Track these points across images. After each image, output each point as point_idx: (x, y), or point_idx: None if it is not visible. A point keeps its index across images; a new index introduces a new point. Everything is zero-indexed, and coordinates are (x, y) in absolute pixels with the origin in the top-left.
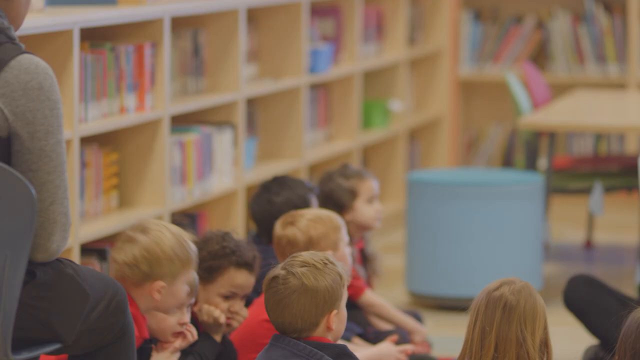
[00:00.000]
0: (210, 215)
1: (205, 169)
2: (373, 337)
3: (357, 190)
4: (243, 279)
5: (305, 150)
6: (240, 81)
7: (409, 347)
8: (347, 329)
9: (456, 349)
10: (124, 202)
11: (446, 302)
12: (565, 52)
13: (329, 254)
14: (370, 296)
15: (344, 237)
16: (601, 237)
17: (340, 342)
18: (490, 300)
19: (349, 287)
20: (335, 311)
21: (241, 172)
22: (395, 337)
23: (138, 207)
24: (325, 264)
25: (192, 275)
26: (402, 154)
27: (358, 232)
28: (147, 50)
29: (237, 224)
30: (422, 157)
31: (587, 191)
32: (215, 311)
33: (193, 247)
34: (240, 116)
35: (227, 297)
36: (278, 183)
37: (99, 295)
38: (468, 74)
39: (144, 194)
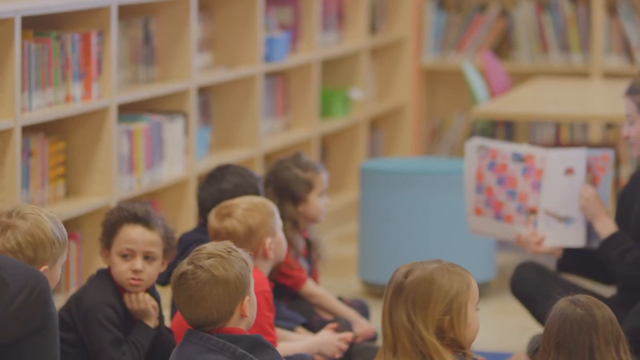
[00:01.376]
0: (162, 203)
1: (155, 157)
2: (318, 326)
3: (313, 183)
4: (136, 233)
5: (260, 139)
6: (192, 70)
7: (348, 335)
8: (290, 319)
9: None
10: (71, 191)
11: None
12: (529, 41)
13: (230, 243)
14: (311, 287)
15: (279, 222)
16: None
17: (282, 331)
18: (391, 284)
19: (290, 278)
20: (247, 297)
21: (193, 161)
22: (334, 325)
23: (85, 196)
24: (230, 252)
25: (64, 257)
26: (363, 142)
27: (305, 224)
28: (94, 39)
29: (189, 212)
30: (384, 146)
31: None
32: (139, 296)
33: (64, 229)
34: (191, 105)
35: (125, 256)
36: (227, 171)
37: (20, 285)
38: (431, 62)
39: (91, 183)
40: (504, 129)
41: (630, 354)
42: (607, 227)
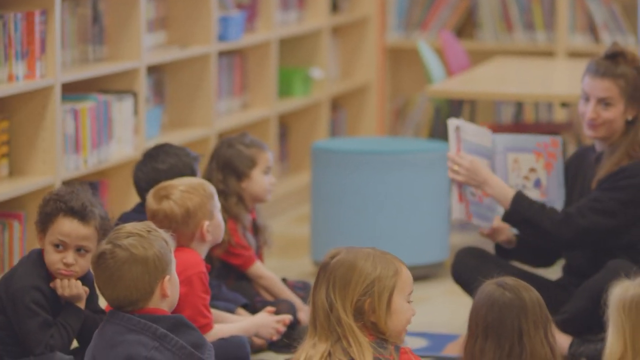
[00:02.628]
0: (112, 183)
1: (103, 137)
2: (260, 307)
3: (256, 160)
4: (70, 227)
5: (215, 119)
6: (141, 49)
7: (286, 317)
8: (231, 300)
9: None
10: (15, 170)
11: None
12: (493, 20)
13: (150, 223)
14: (259, 268)
15: (218, 204)
16: None
17: (219, 312)
18: (321, 266)
19: (239, 257)
20: (167, 277)
21: (143, 141)
22: (272, 309)
23: (29, 176)
24: (149, 231)
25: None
26: (325, 122)
27: (251, 202)
28: (37, 18)
29: None
30: (348, 125)
31: None
32: (70, 281)
33: None
34: (141, 84)
35: (57, 247)
36: (163, 151)
37: None
38: (395, 41)
39: (35, 163)
40: (469, 107)
41: (576, 335)
42: (502, 190)
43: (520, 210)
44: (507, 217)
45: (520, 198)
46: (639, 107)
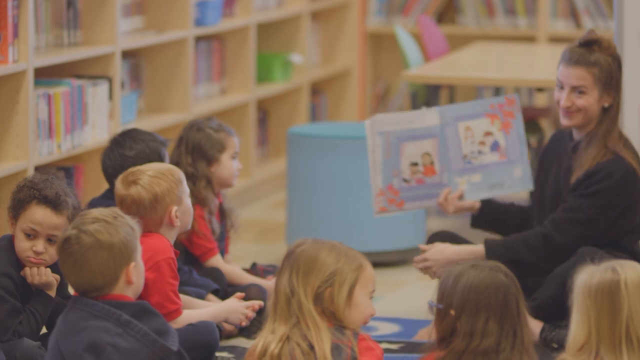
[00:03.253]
0: (87, 168)
1: (77, 122)
2: (232, 293)
3: (225, 144)
4: (42, 215)
5: (192, 104)
6: (116, 34)
7: (256, 303)
8: (201, 286)
9: None
10: None
11: None
12: (474, 5)
13: (116, 209)
14: (218, 261)
15: (186, 189)
16: None
17: (188, 298)
18: (286, 254)
19: (200, 247)
20: (133, 263)
21: (118, 126)
22: (242, 294)
23: (2, 161)
24: (115, 217)
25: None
26: (305, 107)
27: (218, 187)
28: (10, 2)
29: None
30: (330, 110)
31: None
32: (40, 269)
33: None
34: (116, 69)
35: (28, 236)
36: (130, 137)
37: None
38: (376, 26)
39: (8, 148)
40: (447, 93)
41: (548, 321)
42: (471, 250)
43: (498, 257)
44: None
45: (491, 247)
46: (615, 95)
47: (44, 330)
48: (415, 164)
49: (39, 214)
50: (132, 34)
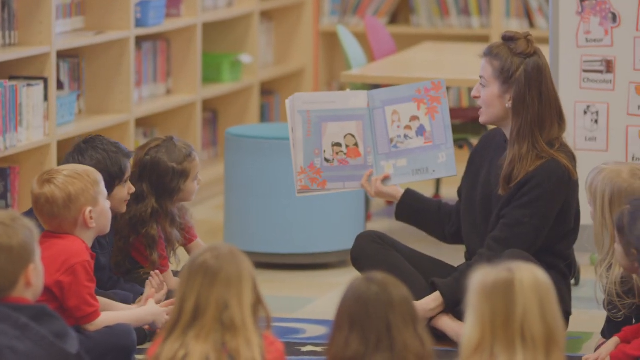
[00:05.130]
0: (23, 169)
1: (10, 123)
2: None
3: (188, 173)
4: None
5: (133, 105)
6: (52, 35)
7: None
8: (129, 290)
9: (272, 306)
10: None
11: (262, 258)
12: (428, 5)
13: (14, 211)
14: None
15: (103, 190)
16: (448, 191)
17: (108, 300)
18: (193, 267)
19: (145, 261)
20: (32, 265)
21: (54, 127)
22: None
23: None
24: (14, 219)
25: None
26: (255, 108)
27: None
28: None
29: None
30: (283, 110)
31: None
32: None
33: None
34: (52, 70)
35: None
36: (92, 145)
37: None
38: (330, 26)
39: None
40: None
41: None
42: (428, 300)
43: (455, 295)
44: (454, 308)
45: (445, 289)
46: (514, 96)
47: None
48: (338, 145)
49: None
50: (71, 35)
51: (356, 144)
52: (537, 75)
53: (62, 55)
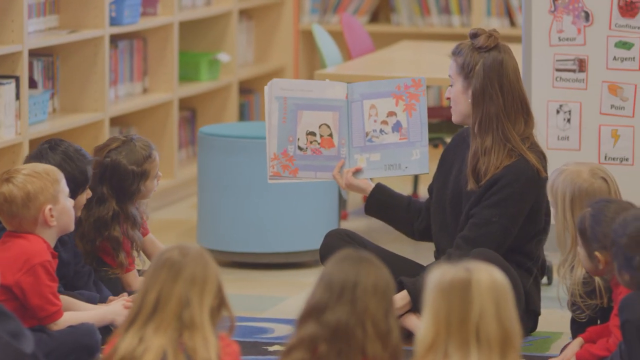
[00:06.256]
0: None
1: None
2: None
3: (148, 174)
4: None
5: (108, 104)
6: (23, 33)
7: None
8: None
9: (242, 306)
10: None
11: (235, 257)
12: (409, 4)
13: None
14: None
15: (64, 189)
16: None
17: (72, 300)
18: (159, 261)
19: (113, 262)
20: None
21: (25, 126)
22: (129, 298)
23: None
24: None
25: None
26: (234, 106)
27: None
28: None
29: None
30: (262, 109)
31: None
32: None
33: None
34: (24, 68)
35: None
36: (52, 148)
37: None
38: (311, 24)
39: None
40: None
41: None
42: (397, 299)
43: (421, 297)
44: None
45: (412, 288)
46: (473, 89)
47: None
48: (313, 134)
49: None
50: (45, 33)
51: (330, 135)
52: (497, 68)
53: (36, 53)
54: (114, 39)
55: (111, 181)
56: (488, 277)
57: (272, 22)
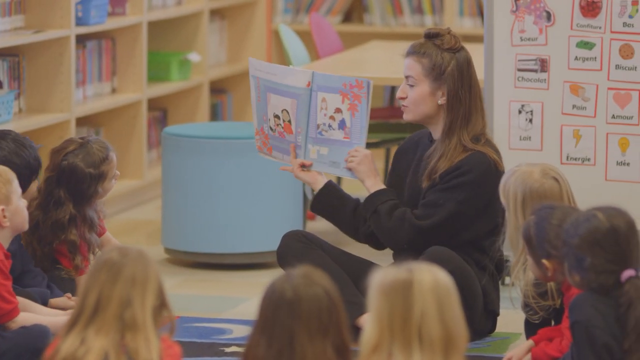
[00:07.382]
0: None
1: None
2: None
3: (105, 175)
4: None
5: (74, 104)
6: None
7: None
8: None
9: (203, 307)
10: None
11: (199, 258)
12: (381, 4)
13: None
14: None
15: (17, 189)
16: None
17: (32, 303)
18: (98, 262)
19: (69, 263)
20: None
21: None
22: None
23: None
24: None
25: None
26: (205, 107)
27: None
28: None
29: None
30: (235, 109)
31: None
32: None
33: None
34: None
35: None
36: (2, 137)
37: None
38: (284, 24)
39: None
40: None
41: None
42: (377, 185)
43: (372, 203)
44: (364, 205)
45: (377, 193)
46: (452, 91)
47: None
48: (277, 117)
49: None
50: (11, 33)
51: (289, 121)
52: (468, 69)
53: (1, 53)
54: (82, 39)
55: (68, 184)
56: (430, 277)
57: (245, 21)
